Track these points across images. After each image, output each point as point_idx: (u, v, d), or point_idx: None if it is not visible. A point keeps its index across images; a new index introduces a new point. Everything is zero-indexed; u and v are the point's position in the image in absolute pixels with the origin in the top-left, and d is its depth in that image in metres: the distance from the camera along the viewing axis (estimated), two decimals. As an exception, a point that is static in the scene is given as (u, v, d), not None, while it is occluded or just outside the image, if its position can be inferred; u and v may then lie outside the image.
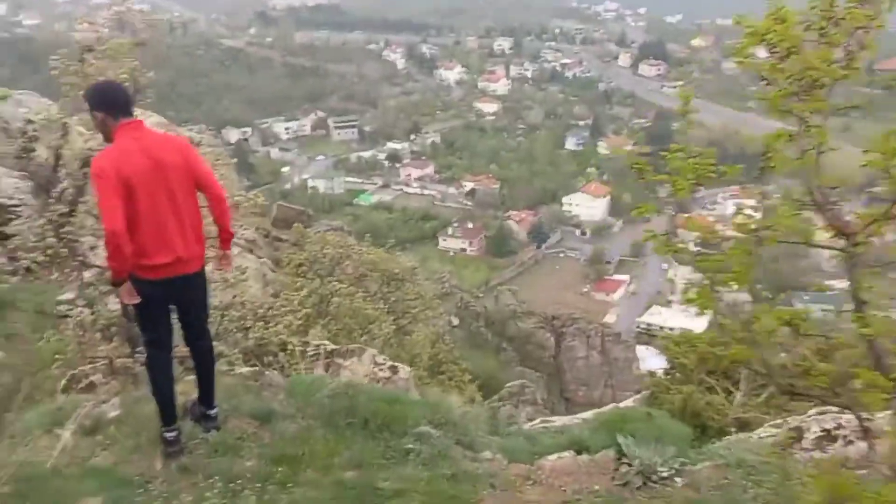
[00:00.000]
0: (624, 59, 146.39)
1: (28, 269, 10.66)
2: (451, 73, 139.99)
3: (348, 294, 12.19)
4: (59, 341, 10.31)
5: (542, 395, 35.50)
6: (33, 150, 11.15)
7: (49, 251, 6.89)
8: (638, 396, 8.37)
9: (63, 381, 6.28)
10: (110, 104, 4.01)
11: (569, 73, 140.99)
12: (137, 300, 3.97)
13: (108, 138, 4.03)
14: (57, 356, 10.31)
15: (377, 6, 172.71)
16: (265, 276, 13.42)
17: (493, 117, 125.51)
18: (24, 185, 13.62)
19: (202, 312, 4.34)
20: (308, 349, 6.26)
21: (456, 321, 34.56)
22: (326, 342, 6.50)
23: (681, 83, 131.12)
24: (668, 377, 7.72)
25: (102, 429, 4.13)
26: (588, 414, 6.42)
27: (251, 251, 14.48)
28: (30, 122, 12.74)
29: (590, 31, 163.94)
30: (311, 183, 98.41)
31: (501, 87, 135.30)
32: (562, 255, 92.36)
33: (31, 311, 13.10)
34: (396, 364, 6.26)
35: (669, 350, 5.06)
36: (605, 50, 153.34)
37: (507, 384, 31.13)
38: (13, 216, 13.47)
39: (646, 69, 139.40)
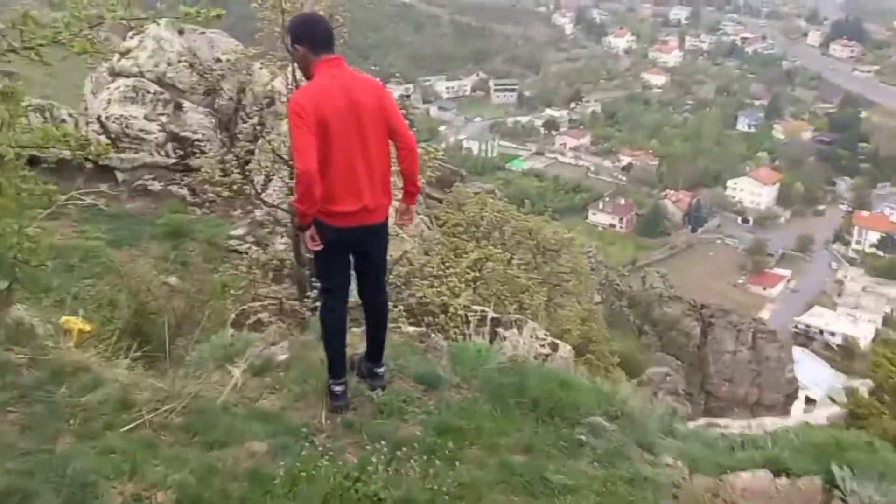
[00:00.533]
0: (813, 38, 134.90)
1: (210, 202, 11.18)
2: (621, 41, 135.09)
3: (502, 260, 11.94)
4: (229, 274, 10.82)
5: (682, 385, 34.07)
6: (220, 87, 11.61)
7: (234, 186, 7.04)
8: (833, 414, 7.53)
9: (233, 315, 6.47)
10: (313, 37, 3.85)
11: (749, 49, 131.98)
12: (320, 246, 3.82)
13: (307, 74, 3.89)
14: (226, 288, 10.83)
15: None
16: (422, 233, 13.42)
17: (660, 90, 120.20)
18: (208, 122, 14.39)
19: (381, 266, 4.17)
20: (469, 314, 6.04)
21: (598, 298, 33.64)
22: (487, 309, 6.25)
23: (876, 67, 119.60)
24: (874, 397, 6.84)
25: (271, 371, 4.08)
26: (767, 422, 5.78)
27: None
28: (218, 60, 13.31)
29: (777, 4, 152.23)
30: (465, 144, 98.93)
31: (673, 58, 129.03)
32: (718, 241, 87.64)
33: (204, 242, 13.93)
34: (557, 341, 5.90)
35: (877, 368, 4.35)
36: (793, 25, 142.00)
37: (648, 369, 30.01)
38: (197, 151, 14.30)
39: (837, 49, 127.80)
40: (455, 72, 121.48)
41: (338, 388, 3.92)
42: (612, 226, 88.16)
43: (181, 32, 14.71)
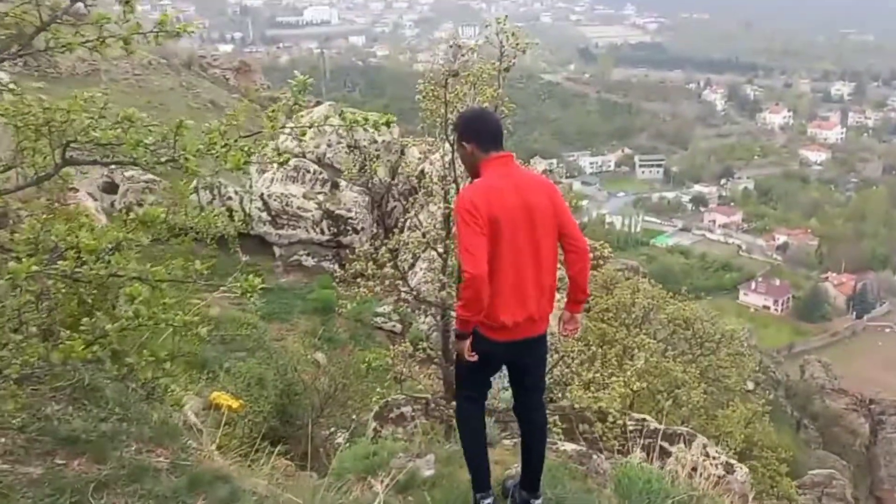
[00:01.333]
0: None
1: (355, 279, 11.31)
2: (776, 117, 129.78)
3: (656, 351, 11.18)
4: (373, 352, 10.79)
5: (849, 490, 30.68)
6: (374, 167, 11.87)
7: (378, 273, 6.96)
8: None
9: (376, 408, 6.30)
10: (481, 134, 3.61)
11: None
12: (475, 359, 3.52)
13: (475, 172, 3.65)
14: (371, 368, 10.78)
15: (701, 44, 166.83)
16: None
17: (819, 167, 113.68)
18: (361, 200, 14.87)
19: (541, 382, 3.81)
20: (629, 422, 5.48)
21: (751, 385, 31.28)
22: (649, 418, 5.67)
23: None
24: None
25: (415, 489, 3.77)
26: None
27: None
28: (374, 141, 13.71)
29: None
30: (608, 219, 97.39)
31: (834, 134, 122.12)
32: (888, 330, 79.88)
33: (351, 318, 14.21)
34: (732, 461, 5.21)
35: None
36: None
37: (811, 471, 27.23)
38: (350, 228, 14.76)
39: None
40: (600, 147, 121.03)
41: (487, 501, 3.58)
42: (766, 307, 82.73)
43: (341, 114, 15.39)
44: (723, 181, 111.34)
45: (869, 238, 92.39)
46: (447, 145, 7.12)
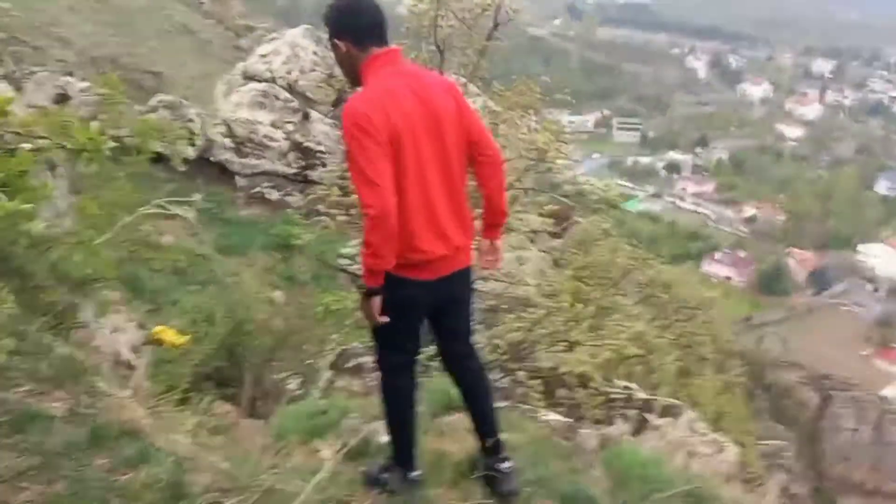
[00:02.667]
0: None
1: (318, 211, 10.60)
2: (757, 90, 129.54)
3: (632, 314, 10.68)
4: (333, 294, 10.13)
5: (796, 465, 31.35)
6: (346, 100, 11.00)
7: (351, 211, 6.28)
8: None
9: (332, 356, 5.70)
10: (358, 27, 2.84)
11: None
12: (387, 320, 2.84)
13: (356, 79, 2.88)
14: (329, 310, 10.12)
15: (689, 9, 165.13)
16: (543, 273, 12.35)
17: (794, 143, 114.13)
18: (333, 133, 14.01)
19: (469, 323, 3.14)
20: (612, 390, 4.93)
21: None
22: (635, 386, 5.12)
23: None
24: None
25: (369, 456, 3.15)
26: None
27: (532, 241, 13.46)
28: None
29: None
30: (581, 180, 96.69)
31: (812, 111, 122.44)
32: (843, 308, 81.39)
33: (314, 258, 13.48)
34: (723, 440, 4.69)
35: None
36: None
37: (762, 442, 27.60)
38: (319, 162, 13.92)
39: None
40: (578, 107, 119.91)
41: (416, 474, 3.01)
42: (729, 278, 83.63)
43: (318, 41, 14.40)
44: (698, 150, 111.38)
45: (835, 217, 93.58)
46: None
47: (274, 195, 13.34)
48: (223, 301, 8.64)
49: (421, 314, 2.98)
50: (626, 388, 5.05)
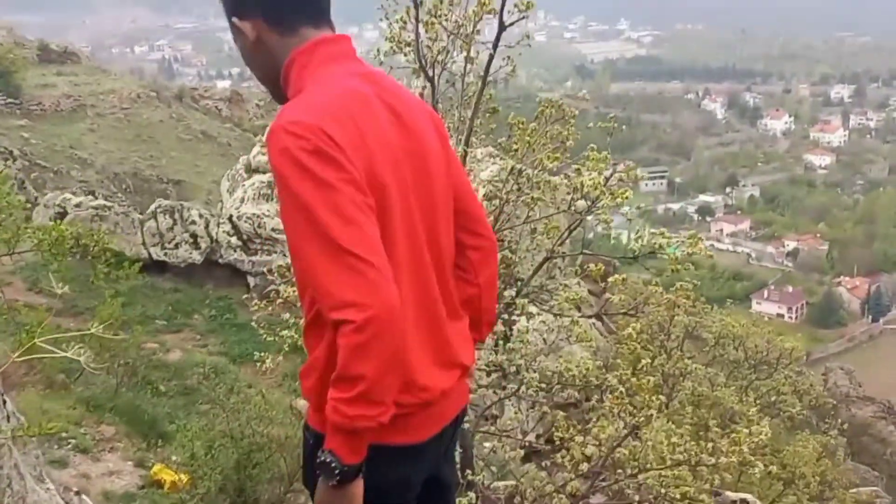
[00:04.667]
0: None
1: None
2: (778, 123, 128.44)
3: (705, 377, 9.30)
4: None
5: None
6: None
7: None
8: None
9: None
10: None
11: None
12: None
13: (277, 87, 1.73)
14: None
15: (698, 54, 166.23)
16: (594, 343, 11.01)
17: (824, 171, 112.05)
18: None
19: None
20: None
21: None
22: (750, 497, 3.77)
23: None
24: None
25: None
26: None
27: (578, 308, 12.16)
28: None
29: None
30: (613, 233, 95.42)
31: (837, 137, 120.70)
32: (904, 332, 77.71)
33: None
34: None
35: None
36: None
37: (852, 490, 25.16)
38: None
39: None
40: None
41: None
42: (780, 315, 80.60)
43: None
44: (728, 190, 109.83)
45: (880, 240, 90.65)
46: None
47: (289, 292, 12.30)
48: (235, 422, 7.44)
49: (412, 496, 1.79)
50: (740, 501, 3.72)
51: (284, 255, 12.97)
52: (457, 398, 1.80)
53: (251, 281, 12.60)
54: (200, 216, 12.65)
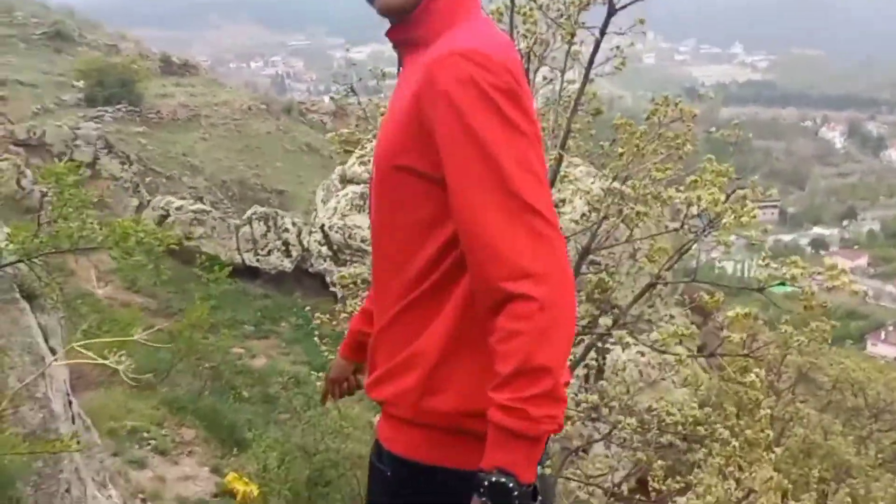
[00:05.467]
0: None
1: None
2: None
3: (819, 423, 8.46)
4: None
5: None
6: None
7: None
8: None
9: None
10: None
11: None
12: None
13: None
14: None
15: (816, 81, 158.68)
16: (696, 379, 10.25)
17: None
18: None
19: None
20: None
21: None
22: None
23: None
24: None
25: None
26: None
27: (680, 341, 11.43)
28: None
29: None
30: (718, 263, 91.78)
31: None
32: None
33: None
34: None
35: None
36: None
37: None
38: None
39: None
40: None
41: None
42: (900, 361, 74.97)
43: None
44: (845, 223, 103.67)
45: None
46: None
47: (354, 304, 12.16)
48: (310, 436, 7.25)
49: None
50: None
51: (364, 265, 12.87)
52: None
53: (339, 292, 12.51)
54: (293, 224, 12.70)
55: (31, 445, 2.44)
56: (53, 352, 4.29)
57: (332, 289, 12.38)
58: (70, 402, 4.33)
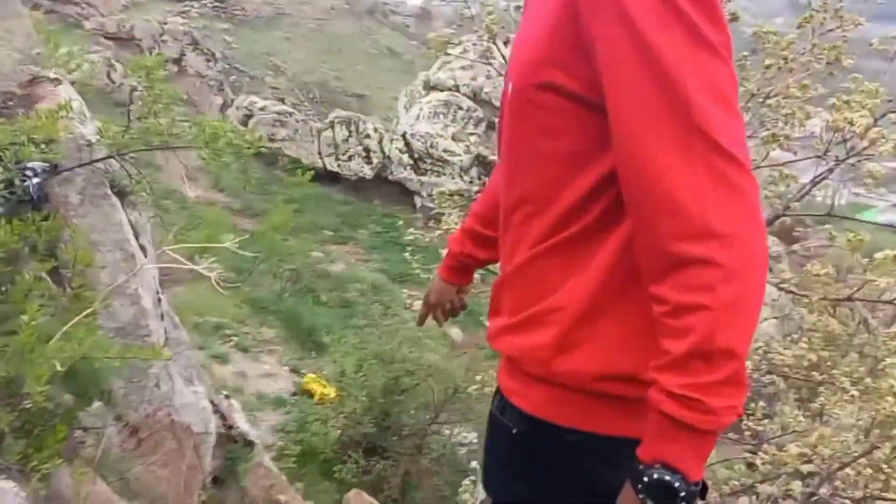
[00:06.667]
0: None
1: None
2: None
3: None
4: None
5: None
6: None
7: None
8: None
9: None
10: None
11: None
12: None
13: None
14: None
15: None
16: (782, 308, 9.84)
17: None
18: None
19: None
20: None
21: None
22: None
23: None
24: None
25: None
26: None
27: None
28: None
29: None
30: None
31: None
32: None
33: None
34: None
35: None
36: None
37: None
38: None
39: None
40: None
41: None
42: None
43: (506, 43, 12.94)
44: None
45: None
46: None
47: (452, 222, 12.02)
48: (387, 344, 7.29)
49: None
50: None
51: (452, 178, 12.65)
52: None
53: (418, 201, 12.41)
54: (375, 130, 12.51)
55: (125, 350, 2.40)
56: (144, 250, 4.30)
57: (416, 199, 12.30)
58: (159, 300, 4.37)
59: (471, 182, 11.91)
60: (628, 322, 1.10)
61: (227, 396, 5.34)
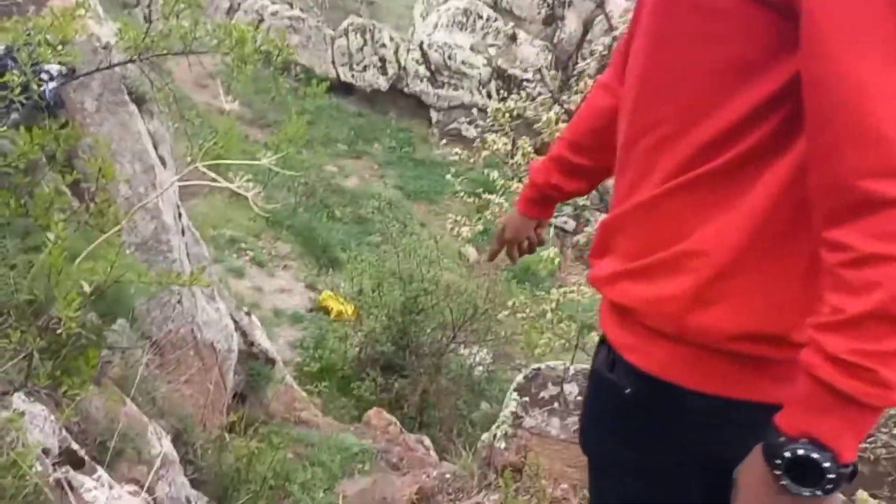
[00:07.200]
0: None
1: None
2: None
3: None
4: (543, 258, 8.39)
5: None
6: (562, 18, 8.92)
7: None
8: None
9: (520, 378, 4.02)
10: None
11: None
12: None
13: None
14: (524, 274, 8.35)
15: None
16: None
17: None
18: (543, 57, 11.91)
19: None
20: None
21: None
22: None
23: None
24: None
25: None
26: None
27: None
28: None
29: None
30: None
31: None
32: None
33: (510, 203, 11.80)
34: None
35: None
36: None
37: None
38: (524, 94, 11.93)
39: None
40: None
41: None
42: None
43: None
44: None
45: None
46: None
47: (471, 132, 11.64)
48: (405, 263, 7.17)
49: None
50: None
51: (470, 92, 12.21)
52: None
53: (434, 116, 12.05)
54: (391, 39, 12.04)
55: (161, 276, 2.25)
56: (163, 160, 4.11)
57: (432, 113, 11.92)
58: (180, 214, 4.22)
59: (489, 96, 11.52)
60: (786, 274, 0.93)
61: (247, 313, 5.26)
